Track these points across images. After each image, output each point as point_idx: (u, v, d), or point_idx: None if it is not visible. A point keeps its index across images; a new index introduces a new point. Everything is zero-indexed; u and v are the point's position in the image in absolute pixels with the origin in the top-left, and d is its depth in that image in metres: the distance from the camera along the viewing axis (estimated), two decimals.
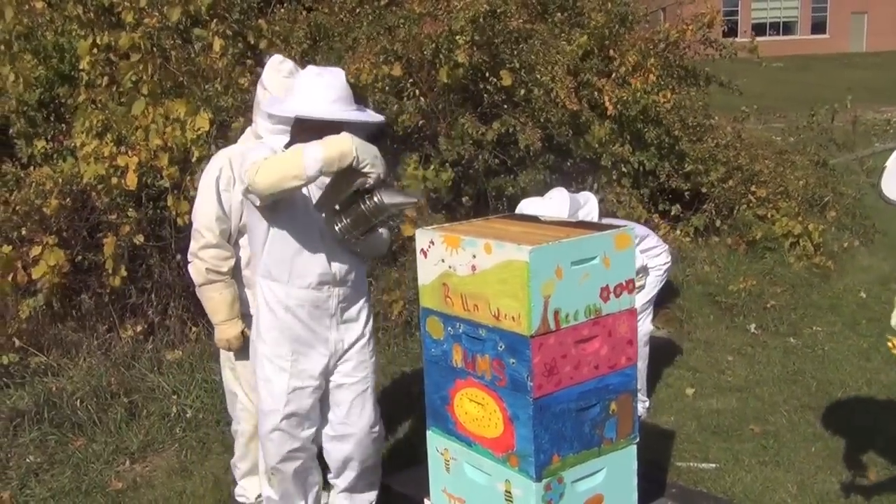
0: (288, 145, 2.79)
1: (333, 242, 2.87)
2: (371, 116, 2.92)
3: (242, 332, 3.26)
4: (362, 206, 2.67)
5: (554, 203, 3.88)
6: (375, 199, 2.64)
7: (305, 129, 2.75)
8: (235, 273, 3.27)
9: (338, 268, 2.93)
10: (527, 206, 4.02)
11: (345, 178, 2.62)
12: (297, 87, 2.84)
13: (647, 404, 4.48)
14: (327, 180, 2.70)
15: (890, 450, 3.97)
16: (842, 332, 5.77)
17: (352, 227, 2.72)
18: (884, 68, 27.20)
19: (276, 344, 2.93)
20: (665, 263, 4.40)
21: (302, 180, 2.59)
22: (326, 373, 3.01)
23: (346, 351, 3.03)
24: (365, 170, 2.59)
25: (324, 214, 2.79)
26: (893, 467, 3.83)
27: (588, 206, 4.03)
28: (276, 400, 2.94)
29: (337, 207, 2.73)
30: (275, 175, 2.58)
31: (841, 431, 4.20)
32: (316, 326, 2.94)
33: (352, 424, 3.07)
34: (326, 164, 2.54)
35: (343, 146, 2.56)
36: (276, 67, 3.17)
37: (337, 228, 2.74)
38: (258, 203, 2.72)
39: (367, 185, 2.62)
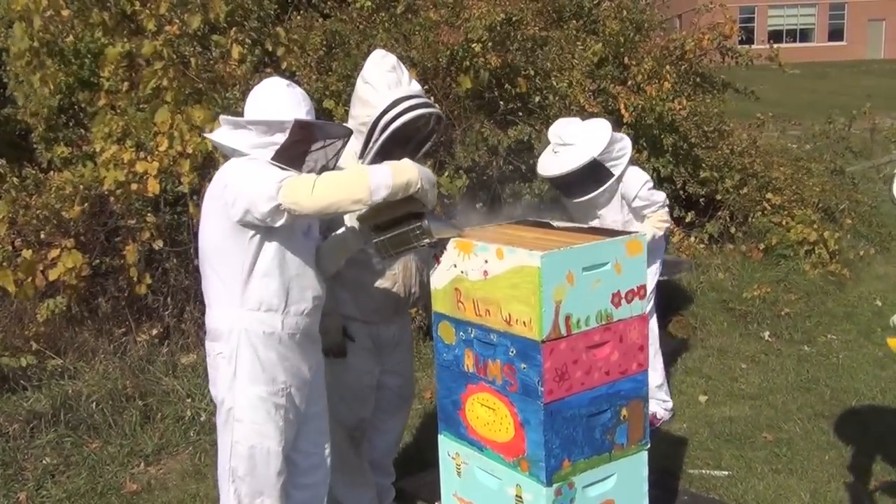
0: (279, 154, 2.63)
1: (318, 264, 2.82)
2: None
3: (344, 328, 3.12)
4: (407, 229, 2.62)
5: (592, 127, 4.09)
6: (423, 225, 2.60)
7: (296, 140, 2.65)
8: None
9: (324, 291, 2.83)
10: (564, 125, 4.18)
11: (400, 201, 2.57)
12: (278, 97, 2.71)
13: (669, 405, 4.48)
14: None
15: None
16: (857, 340, 5.74)
17: (390, 245, 2.66)
18: None
19: (270, 382, 2.70)
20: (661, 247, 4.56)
21: (365, 205, 2.48)
22: (303, 400, 2.84)
23: (314, 375, 2.88)
24: (425, 199, 2.55)
25: (351, 225, 2.78)
26: None
27: (623, 142, 4.16)
28: (274, 440, 2.73)
29: (378, 223, 2.69)
30: (335, 196, 2.46)
31: (855, 440, 4.18)
32: (304, 354, 2.79)
33: (319, 451, 2.97)
34: (394, 191, 2.47)
35: (411, 174, 2.49)
36: (379, 62, 3.03)
37: (374, 242, 2.68)
38: (281, 223, 2.54)
39: (419, 211, 2.59)
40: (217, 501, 3.74)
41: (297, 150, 2.68)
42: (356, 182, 2.47)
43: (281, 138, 2.63)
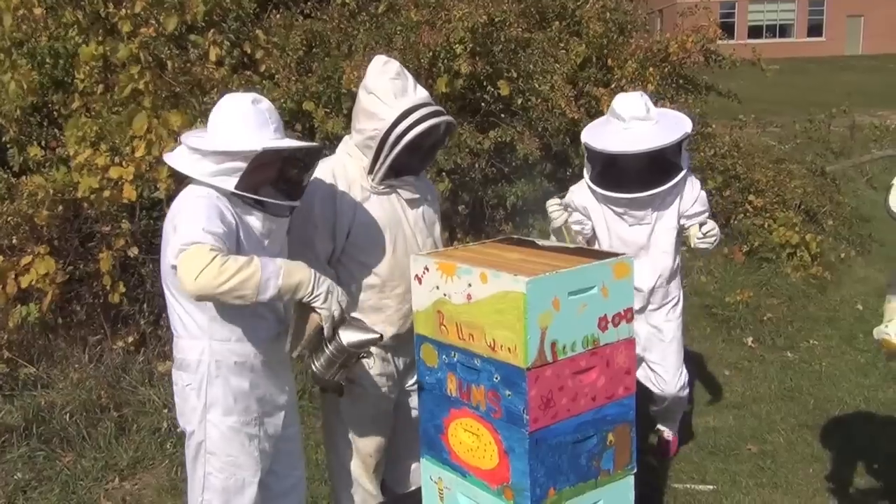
0: (244, 180, 2.47)
1: None
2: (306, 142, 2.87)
3: None
4: (326, 348, 2.55)
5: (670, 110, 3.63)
6: (336, 339, 2.53)
7: (263, 164, 2.51)
8: None
9: (287, 309, 2.74)
10: (641, 98, 3.58)
11: (303, 312, 2.52)
12: (241, 120, 2.52)
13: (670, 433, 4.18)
14: None
15: (888, 471, 3.94)
16: (839, 346, 5.73)
17: (325, 369, 2.59)
18: (880, 71, 27.22)
19: (243, 412, 2.62)
20: None
21: (249, 301, 2.37)
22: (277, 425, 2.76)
23: (288, 398, 2.81)
24: (315, 305, 2.47)
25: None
26: (891, 490, 3.79)
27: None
28: (249, 471, 2.65)
29: (308, 348, 2.61)
30: (219, 290, 2.31)
31: (839, 452, 4.17)
32: (277, 378, 2.71)
33: (295, 472, 2.90)
34: (282, 292, 2.40)
35: (302, 276, 2.43)
36: (381, 69, 2.83)
37: (313, 373, 2.62)
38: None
39: (321, 323, 2.51)
40: None
41: (263, 175, 2.55)
42: (246, 275, 2.33)
43: (242, 165, 2.47)
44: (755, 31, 36.43)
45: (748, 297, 6.30)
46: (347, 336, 2.54)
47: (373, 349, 2.97)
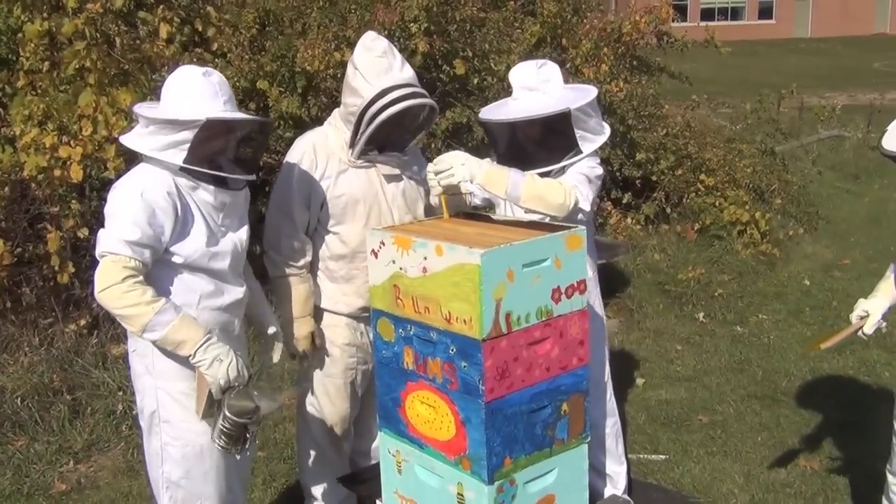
0: (192, 153, 2.47)
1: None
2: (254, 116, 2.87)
3: (312, 334, 3.08)
4: (219, 422, 2.51)
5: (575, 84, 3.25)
6: (224, 411, 2.48)
7: (211, 136, 2.49)
8: (312, 267, 3.09)
9: (242, 284, 2.75)
10: (535, 66, 3.11)
11: (200, 378, 2.51)
12: (191, 90, 2.51)
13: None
14: None
15: (833, 439, 4.08)
16: (786, 320, 5.89)
17: (228, 443, 2.52)
18: (827, 54, 27.83)
19: (193, 377, 2.57)
20: None
21: (133, 332, 2.48)
22: None
23: None
24: (201, 369, 2.47)
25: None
26: (836, 456, 3.93)
27: (605, 126, 3.28)
28: (206, 436, 2.62)
29: (206, 413, 2.56)
30: (116, 310, 2.42)
31: (786, 421, 4.31)
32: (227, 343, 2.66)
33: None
34: (163, 342, 2.45)
35: (188, 336, 2.43)
36: (369, 46, 2.87)
37: (218, 448, 2.56)
38: None
39: (211, 392, 2.49)
40: (150, 500, 3.65)
41: (211, 147, 2.52)
42: (137, 314, 2.41)
43: (189, 136, 2.46)
44: (707, 14, 36.83)
45: (700, 273, 6.43)
46: (230, 403, 2.48)
47: (339, 334, 3.09)
